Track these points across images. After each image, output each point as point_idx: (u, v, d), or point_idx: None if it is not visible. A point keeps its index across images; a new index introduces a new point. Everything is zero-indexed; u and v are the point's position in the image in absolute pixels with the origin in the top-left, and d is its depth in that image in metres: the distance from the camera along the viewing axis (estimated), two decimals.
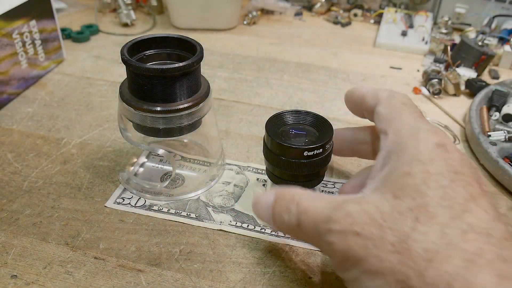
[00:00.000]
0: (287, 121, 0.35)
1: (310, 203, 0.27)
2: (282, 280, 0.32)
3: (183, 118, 0.35)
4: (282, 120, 0.35)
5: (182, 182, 0.40)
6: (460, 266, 0.21)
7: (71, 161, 0.42)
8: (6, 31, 0.47)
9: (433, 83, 0.54)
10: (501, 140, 0.44)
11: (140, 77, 0.33)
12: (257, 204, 0.30)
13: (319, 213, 0.26)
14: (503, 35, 0.64)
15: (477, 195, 0.24)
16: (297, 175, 0.34)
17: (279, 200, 0.28)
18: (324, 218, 0.25)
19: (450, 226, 0.22)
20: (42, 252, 0.33)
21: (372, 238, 0.23)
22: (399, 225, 0.23)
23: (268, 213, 0.29)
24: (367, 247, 0.23)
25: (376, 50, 0.66)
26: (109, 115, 0.48)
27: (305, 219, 0.26)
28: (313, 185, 0.35)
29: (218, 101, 0.52)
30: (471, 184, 0.24)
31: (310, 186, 0.35)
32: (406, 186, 0.24)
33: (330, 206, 0.26)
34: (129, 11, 0.69)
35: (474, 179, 0.25)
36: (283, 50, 0.64)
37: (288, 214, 0.27)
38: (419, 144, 0.26)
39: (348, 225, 0.24)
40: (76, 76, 0.56)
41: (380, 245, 0.23)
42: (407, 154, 0.26)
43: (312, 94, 0.54)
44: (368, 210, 0.24)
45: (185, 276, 0.32)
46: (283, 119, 0.35)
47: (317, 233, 0.26)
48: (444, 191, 0.24)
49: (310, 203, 0.27)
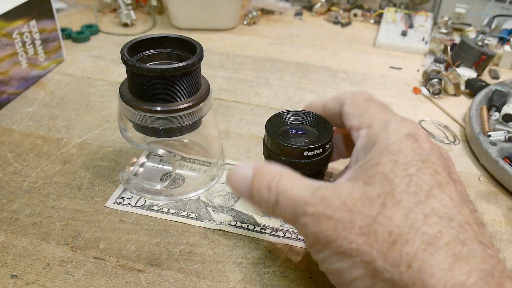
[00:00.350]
0: (287, 121, 0.35)
1: (289, 184, 0.27)
2: (282, 280, 0.32)
3: (183, 118, 0.35)
4: (282, 120, 0.35)
5: (182, 182, 0.40)
6: (419, 248, 0.23)
7: (71, 161, 0.42)
8: (6, 31, 0.47)
9: (433, 83, 0.54)
10: (501, 140, 0.44)
11: (140, 77, 0.33)
12: (234, 177, 0.30)
13: (297, 195, 0.27)
14: (503, 35, 0.64)
15: (444, 183, 0.25)
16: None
17: (258, 176, 0.29)
18: (301, 200, 0.26)
19: (413, 210, 0.24)
20: (42, 252, 0.33)
21: (342, 221, 0.24)
22: (368, 209, 0.24)
23: (245, 187, 0.29)
24: (337, 230, 0.24)
25: (376, 50, 0.66)
26: (109, 115, 0.48)
27: (283, 199, 0.27)
28: None
29: (218, 101, 0.52)
30: (438, 172, 0.26)
31: None
32: (376, 174, 0.26)
33: (307, 189, 0.27)
34: (129, 11, 0.69)
35: (443, 167, 0.26)
36: (283, 50, 0.64)
37: (268, 191, 0.28)
38: (389, 136, 0.27)
39: (322, 208, 0.25)
40: (76, 76, 0.56)
41: (349, 227, 0.24)
42: (378, 146, 0.27)
43: (312, 94, 0.54)
44: (340, 196, 0.25)
45: (185, 276, 0.32)
46: (283, 119, 0.35)
47: (294, 214, 0.27)
48: (411, 178, 0.25)
49: (289, 184, 0.27)
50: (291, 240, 0.35)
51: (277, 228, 0.36)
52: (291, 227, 0.36)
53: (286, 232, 0.35)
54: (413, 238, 0.23)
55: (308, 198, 0.26)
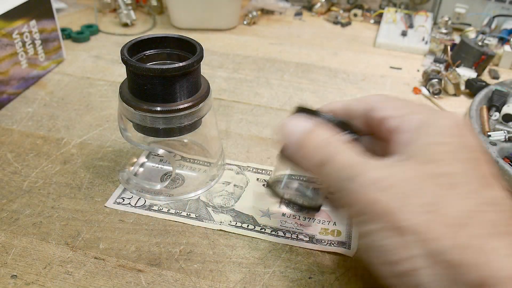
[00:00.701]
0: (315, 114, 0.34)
1: (344, 147, 0.27)
2: (282, 280, 0.32)
3: (183, 118, 0.35)
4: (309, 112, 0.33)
5: (182, 182, 0.40)
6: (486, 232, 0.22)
7: (71, 161, 0.42)
8: (6, 31, 0.47)
9: (433, 83, 0.54)
10: (501, 140, 0.44)
11: (140, 77, 0.33)
12: (289, 124, 0.29)
13: (352, 159, 0.26)
14: (503, 35, 0.64)
15: (496, 175, 0.25)
16: None
17: (314, 131, 0.28)
18: (356, 165, 0.25)
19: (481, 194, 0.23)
20: (42, 252, 0.33)
21: (402, 196, 0.23)
22: (432, 188, 0.23)
23: (297, 138, 0.28)
24: (396, 203, 0.23)
25: (376, 50, 0.66)
26: (109, 115, 0.48)
27: (335, 159, 0.26)
28: None
29: (218, 101, 0.52)
30: (490, 164, 0.26)
31: None
32: (434, 154, 0.25)
33: (364, 157, 0.26)
34: (129, 11, 0.69)
35: (490, 161, 0.26)
36: (283, 50, 0.64)
37: (319, 148, 0.27)
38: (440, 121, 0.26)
39: (380, 178, 0.24)
40: (76, 76, 0.56)
41: (409, 203, 0.23)
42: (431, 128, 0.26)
43: (312, 94, 0.54)
44: (398, 171, 0.24)
45: (185, 276, 0.32)
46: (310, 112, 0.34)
47: (345, 176, 0.25)
48: (476, 162, 0.25)
49: (344, 147, 0.27)
50: (291, 240, 0.35)
51: (277, 228, 0.36)
52: (292, 227, 0.36)
53: (286, 232, 0.35)
54: (481, 222, 0.22)
55: (365, 165, 0.25)
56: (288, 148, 0.30)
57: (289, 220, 0.36)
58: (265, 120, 0.49)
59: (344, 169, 0.26)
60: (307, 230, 0.35)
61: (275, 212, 0.37)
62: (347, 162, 0.26)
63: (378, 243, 0.24)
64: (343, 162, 0.26)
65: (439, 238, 0.22)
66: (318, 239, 0.35)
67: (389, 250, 0.23)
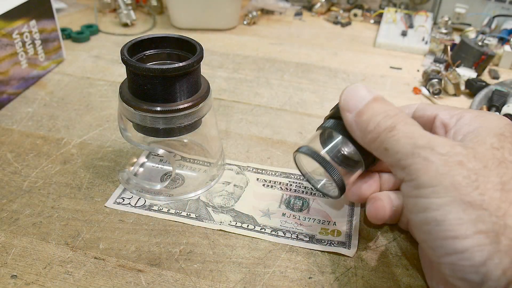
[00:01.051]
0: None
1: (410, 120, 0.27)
2: (282, 280, 0.32)
3: (183, 118, 0.35)
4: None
5: (182, 182, 0.40)
6: None
7: (71, 161, 0.42)
8: (6, 31, 0.47)
9: (433, 83, 0.54)
10: None
11: (140, 77, 0.33)
12: (354, 90, 0.29)
13: (420, 132, 0.26)
14: (503, 35, 0.64)
15: None
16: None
17: (378, 101, 0.28)
18: (425, 137, 0.25)
19: None
20: (42, 252, 0.33)
21: (475, 172, 0.23)
22: (503, 171, 0.24)
23: (359, 104, 0.28)
24: (470, 178, 0.23)
25: (376, 50, 0.66)
26: (109, 115, 0.48)
27: (403, 128, 0.26)
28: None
29: (218, 101, 0.52)
30: None
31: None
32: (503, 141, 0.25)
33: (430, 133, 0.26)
34: (129, 11, 0.69)
35: None
36: (283, 50, 0.64)
37: (384, 117, 0.27)
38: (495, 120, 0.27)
39: (454, 152, 0.24)
40: (76, 76, 0.56)
41: (482, 180, 0.23)
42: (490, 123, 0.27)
43: (312, 94, 0.54)
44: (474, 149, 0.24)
45: (185, 276, 0.32)
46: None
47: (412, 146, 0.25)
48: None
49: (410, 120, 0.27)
50: (291, 240, 0.35)
51: (277, 228, 0.36)
52: (292, 227, 0.36)
53: (286, 232, 0.35)
54: None
55: (435, 139, 0.25)
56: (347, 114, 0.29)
57: (289, 220, 0.36)
58: (265, 120, 0.49)
59: (416, 138, 0.25)
60: (307, 231, 0.35)
61: (275, 212, 0.37)
62: (419, 132, 0.26)
63: (442, 217, 0.23)
64: (414, 131, 0.26)
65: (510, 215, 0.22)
66: (318, 239, 0.35)
67: (454, 224, 0.23)
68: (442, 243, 0.23)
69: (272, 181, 0.40)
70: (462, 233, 0.23)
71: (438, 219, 0.23)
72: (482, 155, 0.24)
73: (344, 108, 0.29)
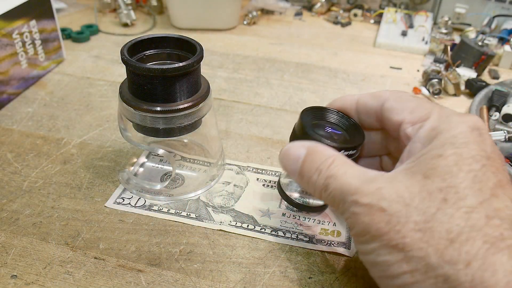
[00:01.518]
0: (321, 116, 0.34)
1: (342, 169, 0.27)
2: (282, 280, 0.32)
3: (183, 118, 0.35)
4: (316, 115, 0.34)
5: (182, 182, 0.40)
6: (481, 247, 0.22)
7: (71, 161, 0.42)
8: (6, 31, 0.47)
9: (433, 83, 0.54)
10: (501, 140, 0.44)
11: (140, 77, 0.33)
12: (286, 155, 0.30)
13: (349, 182, 0.26)
14: (503, 35, 0.64)
15: (505, 183, 0.25)
16: None
17: (310, 157, 0.28)
18: (353, 188, 0.26)
19: (476, 209, 0.23)
20: (42, 252, 0.33)
21: (397, 215, 0.24)
22: (426, 205, 0.24)
23: (296, 167, 0.29)
24: (391, 223, 0.24)
25: (376, 50, 0.66)
26: (109, 115, 0.48)
27: (334, 184, 0.27)
28: None
29: (218, 101, 0.52)
30: (500, 171, 0.25)
31: None
32: (438, 167, 0.24)
33: (361, 177, 0.26)
34: (129, 11, 0.69)
35: (502, 167, 0.25)
36: (283, 50, 0.64)
37: (318, 174, 0.28)
38: (452, 127, 0.26)
39: (376, 200, 0.25)
40: (76, 76, 0.56)
41: (404, 222, 0.24)
42: (440, 138, 0.26)
43: (312, 94, 0.54)
44: (397, 188, 0.25)
45: (185, 276, 0.32)
46: (318, 114, 0.34)
47: (343, 201, 0.26)
48: (475, 174, 0.24)
49: (342, 169, 0.27)
50: (291, 240, 0.35)
51: (277, 228, 0.36)
52: (292, 227, 0.36)
53: (286, 232, 0.35)
54: (474, 237, 0.22)
55: (361, 187, 0.25)
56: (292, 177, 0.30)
57: (289, 220, 0.36)
58: (265, 120, 0.49)
59: (345, 192, 0.26)
60: (307, 231, 0.35)
61: (275, 212, 0.37)
62: (348, 181, 0.26)
63: (376, 260, 0.25)
64: (343, 183, 0.26)
65: (429, 255, 0.23)
66: (318, 239, 0.35)
67: (387, 266, 0.24)
68: (384, 281, 0.25)
69: (272, 181, 0.40)
70: (395, 273, 0.24)
71: (372, 261, 0.25)
72: (409, 191, 0.24)
73: (287, 172, 0.31)
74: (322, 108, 0.34)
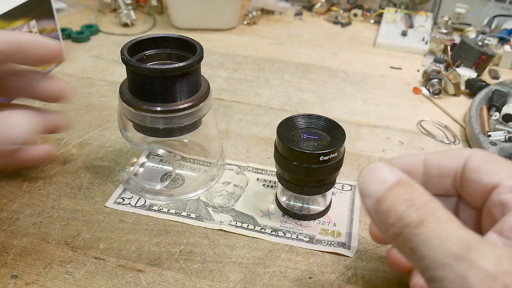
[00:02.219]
0: (298, 125, 0.35)
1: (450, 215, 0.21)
2: (282, 280, 0.32)
3: (183, 118, 0.35)
4: (293, 124, 0.35)
5: (182, 182, 0.40)
6: None
7: (71, 161, 0.42)
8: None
9: (433, 83, 0.54)
10: (501, 140, 0.44)
11: (140, 77, 0.33)
12: (371, 173, 0.24)
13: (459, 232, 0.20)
14: (503, 35, 0.64)
15: None
16: (309, 180, 0.33)
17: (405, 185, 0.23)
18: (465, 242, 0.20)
19: None
20: (42, 252, 0.33)
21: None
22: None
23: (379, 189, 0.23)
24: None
25: (376, 50, 0.66)
26: (109, 115, 0.48)
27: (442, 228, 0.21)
28: (325, 190, 0.35)
29: (218, 101, 0.52)
30: None
31: (322, 191, 0.35)
32: None
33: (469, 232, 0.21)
34: (129, 11, 0.69)
35: None
36: (283, 50, 0.64)
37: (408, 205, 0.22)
38: None
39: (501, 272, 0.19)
40: (76, 76, 0.56)
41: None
42: None
43: (312, 94, 0.54)
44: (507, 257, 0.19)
45: (185, 276, 0.32)
46: (295, 123, 0.35)
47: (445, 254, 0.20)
48: None
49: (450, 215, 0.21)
50: (291, 240, 0.35)
51: (277, 228, 0.36)
52: (291, 227, 0.36)
53: (286, 232, 0.35)
54: None
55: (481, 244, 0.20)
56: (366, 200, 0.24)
57: (289, 220, 0.36)
58: (265, 120, 0.49)
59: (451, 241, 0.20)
60: (307, 231, 0.35)
61: (275, 212, 0.37)
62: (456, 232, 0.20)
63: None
64: (449, 231, 0.20)
65: None
66: (318, 239, 0.35)
67: None
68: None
69: (272, 181, 0.40)
70: None
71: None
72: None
73: (362, 193, 0.24)
74: (295, 117, 0.35)
